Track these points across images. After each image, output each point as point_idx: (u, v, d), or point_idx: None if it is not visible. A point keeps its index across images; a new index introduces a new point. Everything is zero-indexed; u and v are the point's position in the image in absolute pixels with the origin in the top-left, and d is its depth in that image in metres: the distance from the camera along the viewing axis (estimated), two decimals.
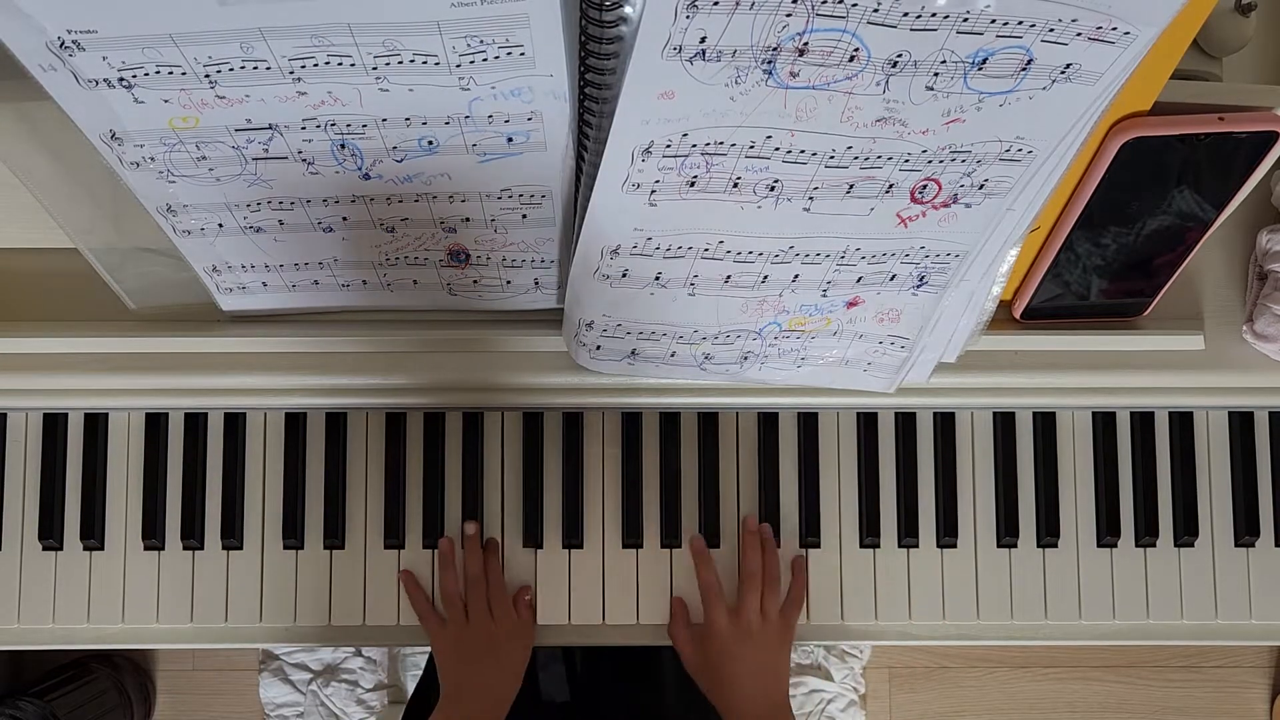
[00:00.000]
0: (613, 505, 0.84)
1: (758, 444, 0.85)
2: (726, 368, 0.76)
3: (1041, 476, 0.85)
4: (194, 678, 1.58)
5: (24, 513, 0.84)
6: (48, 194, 0.70)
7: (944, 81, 0.54)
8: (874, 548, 0.85)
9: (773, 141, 0.57)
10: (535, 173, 0.64)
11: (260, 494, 0.84)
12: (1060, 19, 0.51)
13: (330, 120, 0.60)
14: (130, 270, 0.76)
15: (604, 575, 0.84)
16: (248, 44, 0.54)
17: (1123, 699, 1.61)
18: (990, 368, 0.81)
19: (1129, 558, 0.85)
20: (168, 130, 0.61)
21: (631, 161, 0.58)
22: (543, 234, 0.70)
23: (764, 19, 0.50)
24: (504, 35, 0.53)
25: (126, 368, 0.80)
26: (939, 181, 0.61)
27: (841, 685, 1.55)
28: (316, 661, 1.52)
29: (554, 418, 0.85)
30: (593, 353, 0.75)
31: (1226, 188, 0.68)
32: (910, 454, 0.85)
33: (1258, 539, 0.85)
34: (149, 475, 0.84)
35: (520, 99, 0.58)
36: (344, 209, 0.68)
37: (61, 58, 0.55)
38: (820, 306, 0.70)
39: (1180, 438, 0.85)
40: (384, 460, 0.84)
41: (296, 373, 0.80)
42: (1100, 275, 0.76)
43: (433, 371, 0.80)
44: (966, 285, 0.70)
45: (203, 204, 0.67)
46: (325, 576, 0.84)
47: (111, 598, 0.84)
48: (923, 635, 0.84)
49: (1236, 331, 0.82)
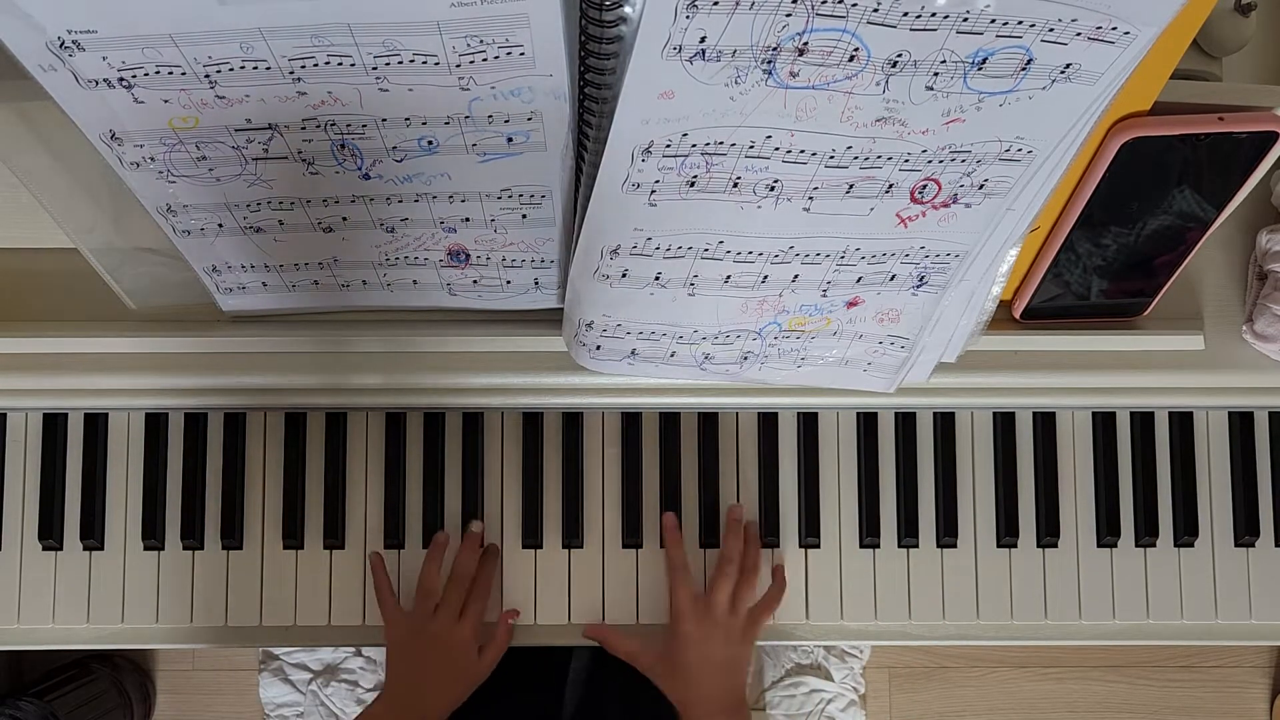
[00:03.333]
0: (613, 505, 0.84)
1: (758, 444, 0.85)
2: (726, 368, 0.76)
3: (1041, 476, 0.85)
4: (194, 678, 1.58)
5: (24, 513, 0.84)
6: (48, 194, 0.70)
7: (944, 81, 0.54)
8: (874, 548, 0.85)
9: (772, 141, 0.57)
10: (535, 173, 0.64)
11: (260, 494, 0.84)
12: (1060, 19, 0.51)
13: (330, 120, 0.60)
14: (130, 270, 0.76)
15: (604, 575, 0.84)
16: (248, 44, 0.54)
17: (1123, 699, 1.60)
18: (990, 368, 0.81)
19: (1129, 558, 0.85)
20: (168, 130, 0.61)
21: (631, 161, 0.58)
22: (543, 234, 0.70)
23: (764, 19, 0.50)
24: (504, 35, 0.53)
25: (126, 368, 0.80)
26: (939, 181, 0.61)
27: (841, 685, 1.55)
28: (316, 661, 1.52)
29: (554, 418, 0.85)
30: (593, 353, 0.75)
31: (1226, 188, 0.68)
32: (910, 454, 0.85)
33: (1258, 539, 0.85)
34: (149, 475, 0.84)
35: (520, 99, 0.58)
36: (344, 209, 0.68)
37: (61, 58, 0.55)
38: (820, 306, 0.70)
39: (1180, 438, 0.85)
40: (384, 460, 0.84)
41: (296, 373, 0.80)
42: (1100, 275, 0.76)
43: (433, 371, 0.80)
44: (966, 285, 0.70)
45: (203, 204, 0.67)
46: (325, 576, 0.84)
47: (111, 598, 0.84)
48: (923, 635, 0.84)
49: (1236, 331, 0.82)
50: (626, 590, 0.84)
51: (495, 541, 0.84)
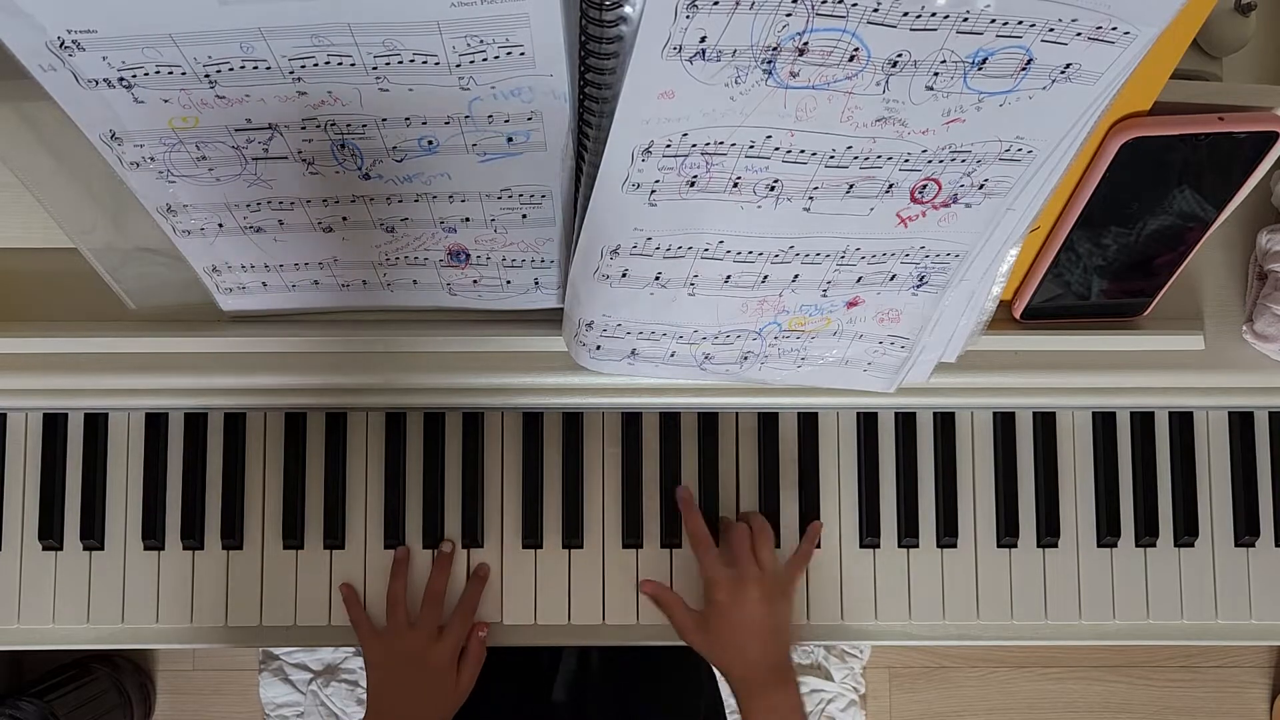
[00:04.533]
0: (613, 505, 0.84)
1: (758, 444, 0.85)
2: (726, 368, 0.76)
3: (1041, 476, 0.85)
4: (194, 678, 1.58)
5: (24, 513, 0.84)
6: (48, 194, 0.70)
7: (944, 81, 0.54)
8: (874, 548, 0.85)
9: (773, 141, 0.57)
10: (535, 173, 0.64)
11: (260, 494, 0.84)
12: (1060, 19, 0.51)
13: (330, 120, 0.60)
14: (130, 270, 0.76)
15: (604, 575, 0.84)
16: (248, 44, 0.54)
17: (1123, 699, 1.61)
18: (990, 368, 0.81)
19: (1129, 558, 0.85)
20: (168, 130, 0.61)
21: (631, 161, 0.58)
22: (543, 234, 0.70)
23: (764, 19, 0.50)
24: (504, 35, 0.53)
25: (126, 368, 0.80)
26: (939, 181, 0.61)
27: (841, 685, 1.55)
28: (316, 661, 1.52)
29: (554, 418, 0.85)
30: (593, 353, 0.75)
31: (1226, 188, 0.68)
32: (910, 454, 0.85)
33: (1258, 539, 0.85)
34: (149, 475, 0.84)
35: (520, 99, 0.58)
36: (344, 209, 0.68)
37: (61, 58, 0.55)
38: (820, 306, 0.70)
39: (1180, 438, 0.85)
40: (384, 460, 0.84)
41: (296, 373, 0.80)
42: (1100, 275, 0.76)
43: (433, 371, 0.80)
44: (966, 285, 0.70)
45: (203, 204, 0.67)
46: (325, 576, 0.84)
47: (111, 598, 0.84)
48: (923, 635, 0.84)
49: (1236, 331, 0.82)
50: (626, 590, 0.84)
51: (495, 542, 0.84)
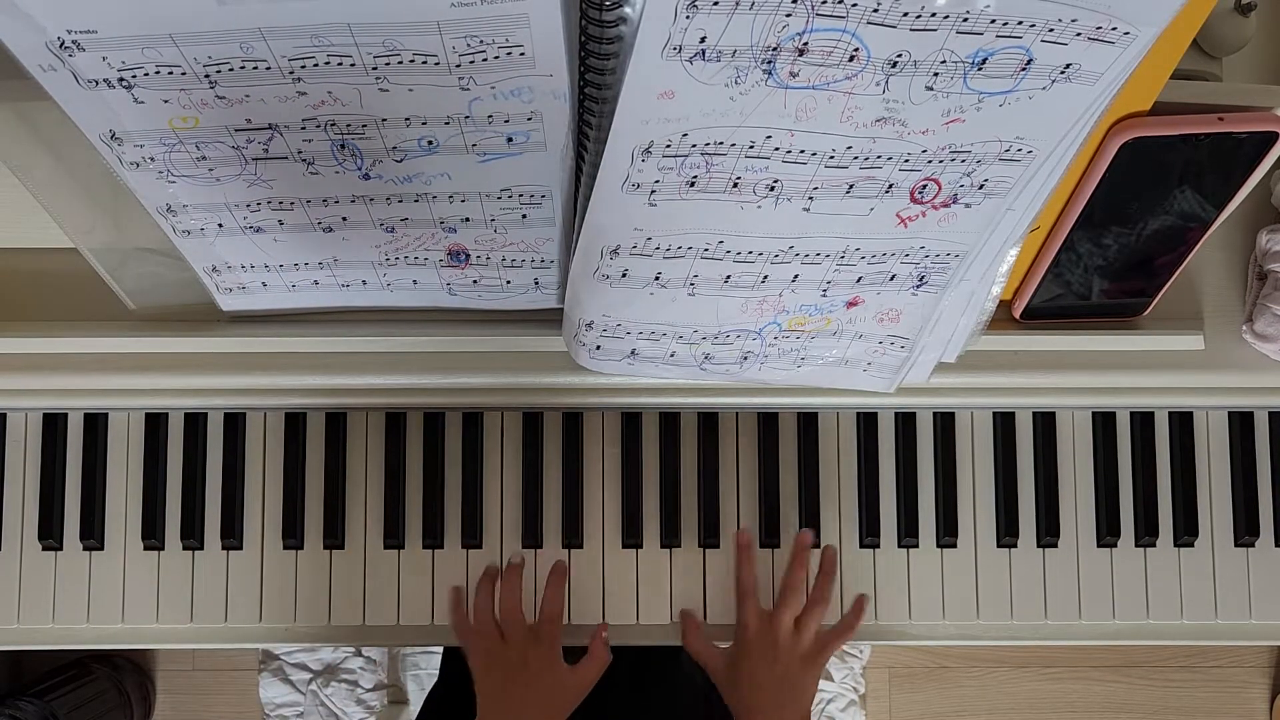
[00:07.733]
0: (613, 505, 0.84)
1: (758, 444, 0.85)
2: (726, 368, 0.76)
3: (1041, 476, 0.85)
4: (194, 678, 1.58)
5: (24, 513, 0.84)
6: (48, 194, 0.70)
7: (944, 81, 0.54)
8: (874, 548, 0.85)
9: (772, 141, 0.57)
10: (535, 173, 0.64)
11: (260, 494, 0.84)
12: (1060, 19, 0.51)
13: (330, 120, 0.60)
14: (130, 270, 0.76)
15: (604, 575, 0.84)
16: (248, 44, 0.54)
17: (1123, 699, 1.61)
18: (990, 368, 0.81)
19: (1129, 558, 0.85)
20: (168, 130, 0.61)
21: (631, 161, 0.58)
22: (543, 234, 0.70)
23: (764, 19, 0.50)
24: (504, 35, 0.53)
25: (126, 368, 0.80)
26: (939, 181, 0.61)
27: (841, 685, 1.55)
28: (316, 661, 1.52)
29: (554, 418, 0.85)
30: (593, 353, 0.75)
31: (1226, 188, 0.68)
32: (910, 454, 0.85)
33: (1258, 539, 0.85)
34: (149, 475, 0.84)
35: (520, 99, 0.58)
36: (344, 209, 0.68)
37: (61, 58, 0.55)
38: (820, 306, 0.70)
39: (1180, 438, 0.85)
40: (384, 460, 0.84)
41: (296, 373, 0.80)
42: (1100, 275, 0.76)
43: (433, 371, 0.80)
44: (966, 285, 0.70)
45: (203, 204, 0.67)
46: (325, 576, 0.84)
47: (111, 598, 0.84)
48: (923, 635, 0.84)
49: (1236, 331, 0.82)
50: (626, 590, 0.84)
51: (495, 542, 0.84)
